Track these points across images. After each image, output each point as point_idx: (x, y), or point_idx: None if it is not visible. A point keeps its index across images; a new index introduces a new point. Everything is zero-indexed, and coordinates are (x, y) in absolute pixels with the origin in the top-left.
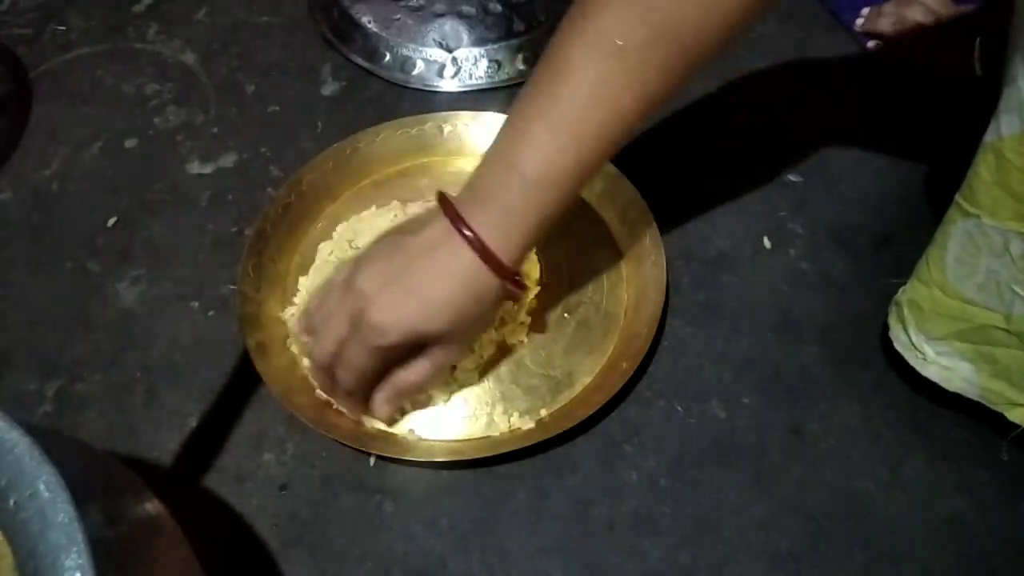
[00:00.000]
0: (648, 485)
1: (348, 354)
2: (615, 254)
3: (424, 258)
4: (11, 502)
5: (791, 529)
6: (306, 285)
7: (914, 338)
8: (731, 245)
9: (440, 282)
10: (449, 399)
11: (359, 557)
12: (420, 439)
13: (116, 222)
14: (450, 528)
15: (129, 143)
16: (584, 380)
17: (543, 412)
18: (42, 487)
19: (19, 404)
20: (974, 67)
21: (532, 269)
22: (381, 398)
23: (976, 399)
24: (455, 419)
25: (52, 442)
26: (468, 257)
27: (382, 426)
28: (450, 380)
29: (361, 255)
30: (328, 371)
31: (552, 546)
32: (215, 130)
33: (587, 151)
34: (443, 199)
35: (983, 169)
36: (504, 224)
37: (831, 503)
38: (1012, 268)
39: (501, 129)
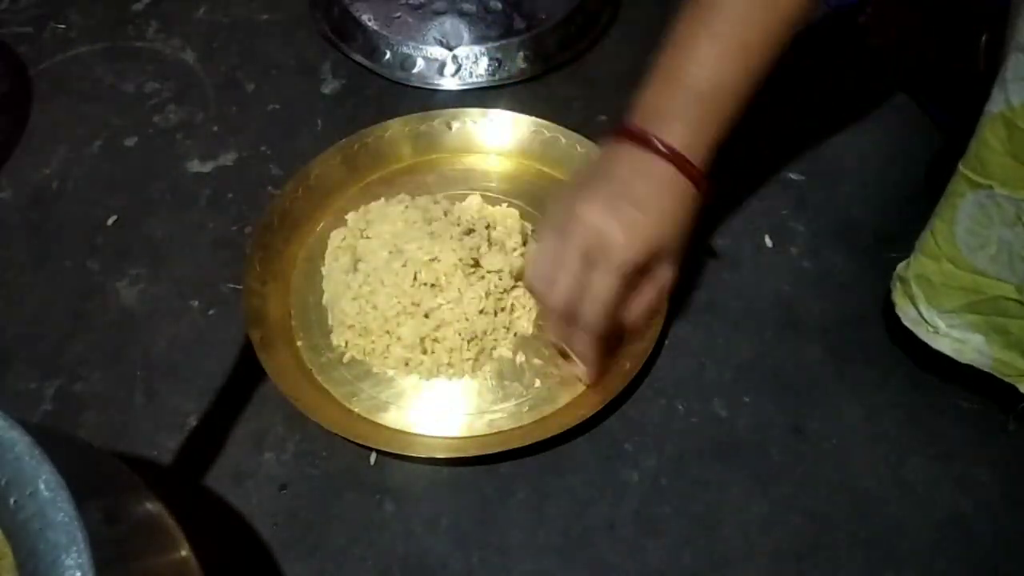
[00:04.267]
0: (649, 484)
1: (593, 289)
2: None
3: (636, 178)
4: (11, 501)
5: (792, 528)
6: (325, 272)
7: (924, 312)
8: (732, 243)
9: (662, 195)
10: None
11: (359, 556)
12: (421, 436)
13: (116, 221)
14: (451, 527)
15: (129, 141)
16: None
17: (545, 411)
18: (42, 486)
19: (19, 403)
20: (978, 62)
21: None
22: (641, 310)
23: (988, 371)
24: (456, 416)
25: (52, 441)
26: (671, 170)
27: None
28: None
29: (562, 202)
30: (567, 317)
31: (553, 545)
32: (215, 128)
33: (753, 58)
34: (621, 127)
35: (992, 140)
36: (687, 137)
37: (833, 502)
38: None
39: (662, 45)
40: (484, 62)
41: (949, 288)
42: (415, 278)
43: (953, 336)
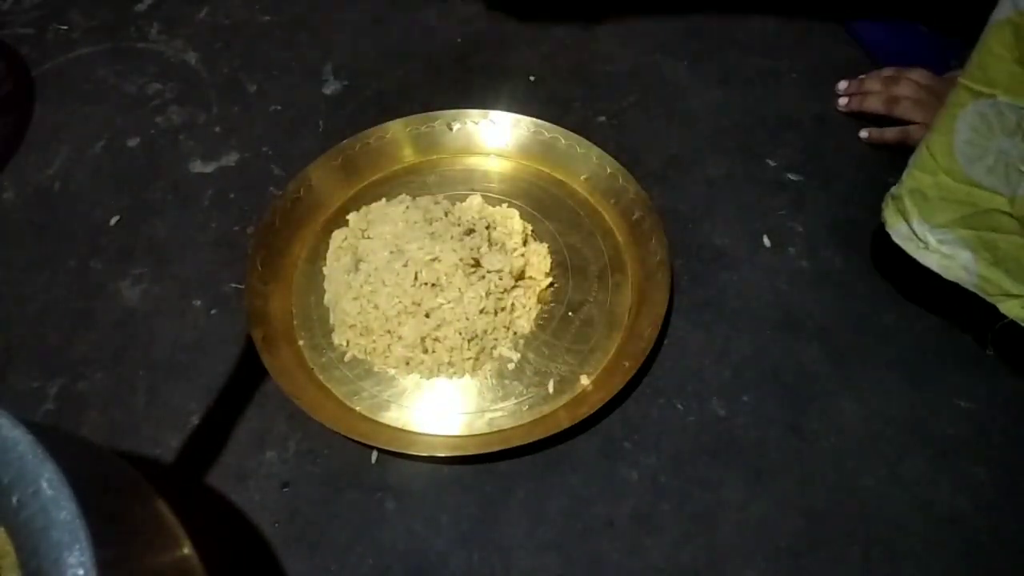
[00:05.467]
0: (648, 483)
1: None
2: (620, 253)
3: None
4: (14, 500)
5: (791, 527)
6: (326, 272)
7: (916, 227)
8: (731, 244)
9: None
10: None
11: (360, 554)
12: (422, 434)
13: (118, 221)
14: (451, 525)
15: (131, 142)
16: (586, 378)
17: (545, 410)
18: (45, 485)
19: (22, 402)
20: None
21: (543, 262)
22: None
23: (972, 289)
24: (457, 415)
25: (55, 440)
26: None
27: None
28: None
29: None
30: None
31: (552, 543)
32: (217, 129)
33: None
34: None
35: (998, 47)
36: None
37: (831, 501)
38: (1022, 147)
39: None
40: None
41: (944, 201)
42: (416, 278)
43: (942, 252)
